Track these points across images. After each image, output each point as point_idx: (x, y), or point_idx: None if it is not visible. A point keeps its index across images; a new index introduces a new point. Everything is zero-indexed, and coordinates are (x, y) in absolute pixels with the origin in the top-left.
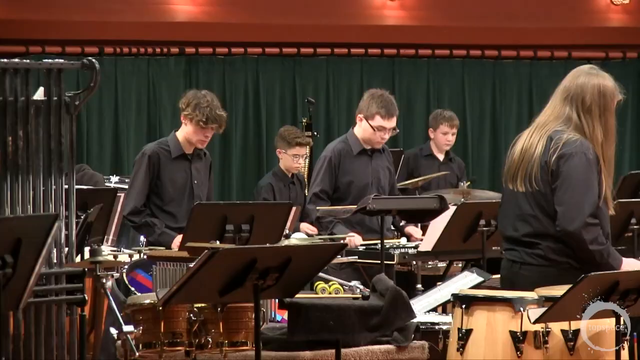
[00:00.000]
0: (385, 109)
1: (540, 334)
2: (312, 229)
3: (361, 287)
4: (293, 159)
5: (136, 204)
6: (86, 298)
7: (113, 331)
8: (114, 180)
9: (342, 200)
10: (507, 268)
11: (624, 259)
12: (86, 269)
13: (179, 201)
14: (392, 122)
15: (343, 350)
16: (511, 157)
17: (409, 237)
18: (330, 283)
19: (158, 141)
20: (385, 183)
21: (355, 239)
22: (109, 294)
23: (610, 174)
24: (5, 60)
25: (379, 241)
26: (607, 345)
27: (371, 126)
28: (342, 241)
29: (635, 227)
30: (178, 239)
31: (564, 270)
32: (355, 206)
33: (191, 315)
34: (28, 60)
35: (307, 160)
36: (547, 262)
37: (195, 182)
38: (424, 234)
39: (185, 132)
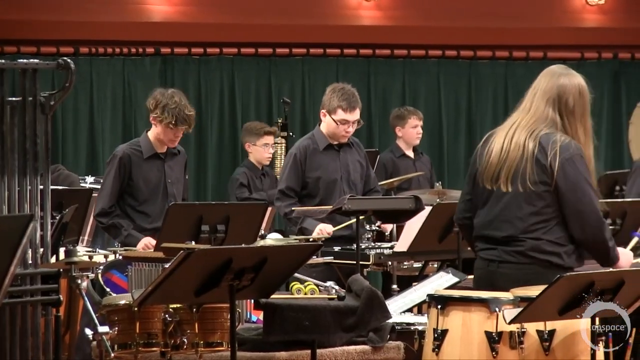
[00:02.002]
0: (347, 102)
1: (516, 334)
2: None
3: (337, 287)
4: (264, 149)
5: (104, 206)
6: (61, 299)
7: (88, 332)
8: (89, 181)
9: (311, 196)
10: (483, 267)
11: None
12: (61, 270)
13: (153, 201)
14: (354, 115)
15: (319, 351)
16: (487, 157)
17: (383, 233)
18: (306, 283)
19: (129, 142)
20: (356, 177)
21: (325, 228)
22: (84, 294)
23: (592, 174)
24: None
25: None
26: (582, 345)
27: (334, 120)
28: (313, 234)
29: (610, 227)
30: (144, 241)
31: (544, 267)
32: (331, 206)
33: (167, 315)
34: (3, 61)
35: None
36: (527, 259)
37: (169, 180)
38: (399, 232)
39: (155, 132)
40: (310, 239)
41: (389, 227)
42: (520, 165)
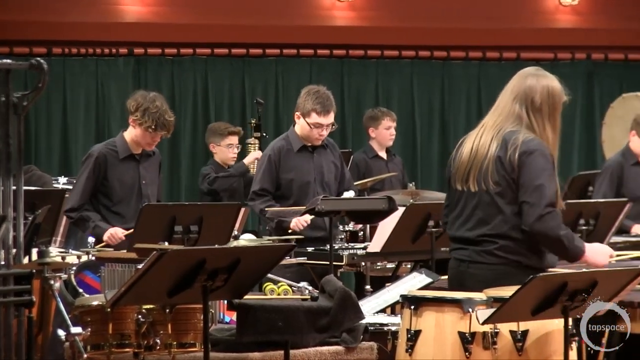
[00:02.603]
0: (321, 106)
1: (489, 334)
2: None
3: (310, 288)
4: (228, 150)
5: (74, 204)
6: (34, 300)
7: (61, 333)
8: (62, 181)
9: (285, 197)
10: (455, 267)
11: (586, 243)
12: (34, 271)
13: (127, 201)
14: (328, 119)
15: (292, 352)
16: (459, 158)
17: (357, 232)
18: (279, 284)
19: (105, 142)
20: (330, 178)
21: (299, 222)
22: (57, 295)
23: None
24: None
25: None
26: (555, 345)
27: (308, 123)
28: (291, 225)
29: (584, 227)
30: (110, 231)
31: (514, 268)
32: (304, 207)
33: (139, 316)
34: None
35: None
36: (497, 259)
37: (144, 182)
38: (372, 233)
39: (132, 134)
40: (289, 231)
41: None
42: (484, 164)
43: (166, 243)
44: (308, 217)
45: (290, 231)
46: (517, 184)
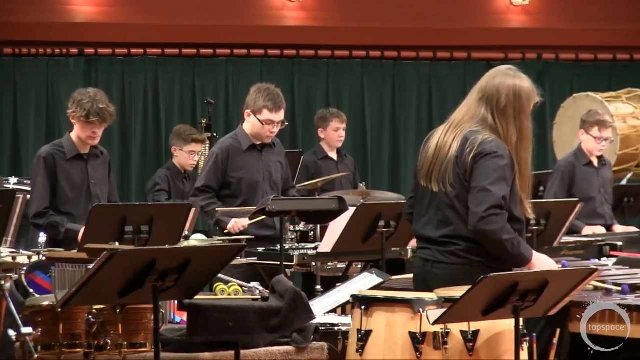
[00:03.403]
0: (273, 102)
1: (440, 334)
2: None
3: (260, 288)
4: (189, 156)
5: (38, 209)
6: None
7: (12, 333)
8: (12, 182)
9: (234, 196)
10: (420, 267)
11: (534, 251)
12: None
13: (76, 202)
14: (280, 115)
15: (242, 352)
16: (425, 154)
17: (307, 232)
18: (230, 284)
19: (53, 143)
20: (277, 177)
21: (239, 222)
22: (7, 295)
23: (526, 177)
24: None
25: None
26: (506, 345)
27: (259, 120)
28: (228, 226)
29: (534, 227)
30: (234, 220)
31: (477, 268)
32: (254, 207)
33: (90, 316)
34: None
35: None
36: (460, 260)
37: (93, 181)
38: (323, 233)
39: (75, 131)
40: (225, 231)
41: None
42: (444, 165)
43: (117, 243)
44: (246, 222)
45: (225, 231)
46: (469, 185)
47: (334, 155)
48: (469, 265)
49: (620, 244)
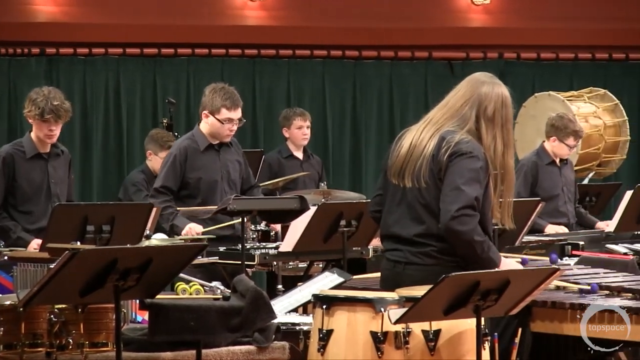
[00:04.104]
0: (230, 101)
1: (401, 334)
2: None
3: (222, 287)
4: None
5: None
6: None
7: None
8: None
9: (192, 197)
10: (390, 268)
11: (501, 256)
12: None
13: (35, 201)
14: (238, 113)
15: (204, 351)
16: (398, 152)
17: (269, 233)
18: (191, 284)
19: (13, 142)
20: (236, 177)
21: (194, 228)
22: None
23: (511, 184)
24: None
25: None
26: (468, 345)
27: (218, 120)
28: (182, 232)
29: (495, 227)
30: (34, 242)
31: (450, 268)
32: (216, 207)
33: (52, 316)
34: None
35: None
36: (433, 260)
37: (53, 180)
38: (284, 232)
39: (33, 130)
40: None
41: (277, 226)
42: (419, 162)
43: (78, 243)
44: (200, 229)
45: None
46: (443, 184)
47: (299, 154)
48: (443, 266)
49: (582, 243)
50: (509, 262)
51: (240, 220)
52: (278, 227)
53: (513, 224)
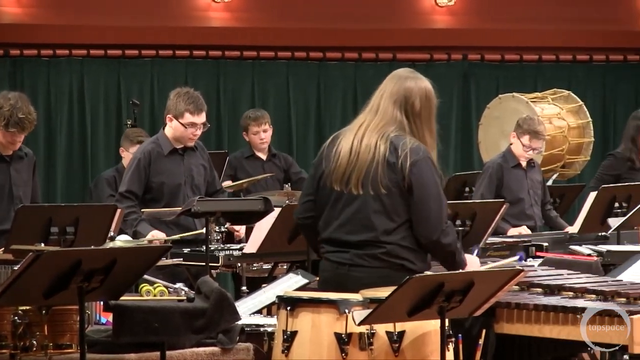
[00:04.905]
0: (194, 105)
1: (366, 335)
2: None
3: (186, 289)
4: None
5: None
6: None
7: None
8: None
9: (156, 201)
10: (331, 270)
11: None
12: None
13: None
14: (201, 118)
15: (168, 353)
16: (337, 157)
17: (233, 234)
18: (155, 285)
19: None
20: (200, 181)
21: (156, 235)
22: None
23: None
24: None
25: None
26: (432, 346)
27: (181, 124)
28: (145, 239)
29: (460, 228)
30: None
31: (396, 271)
32: (180, 208)
33: (16, 317)
34: None
35: None
36: (381, 263)
37: (15, 183)
38: (248, 234)
39: None
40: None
41: (242, 232)
42: (372, 167)
43: (42, 244)
44: (162, 237)
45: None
46: (409, 192)
47: (262, 155)
48: (389, 268)
49: (546, 244)
50: (471, 260)
51: (203, 232)
52: (241, 232)
53: None
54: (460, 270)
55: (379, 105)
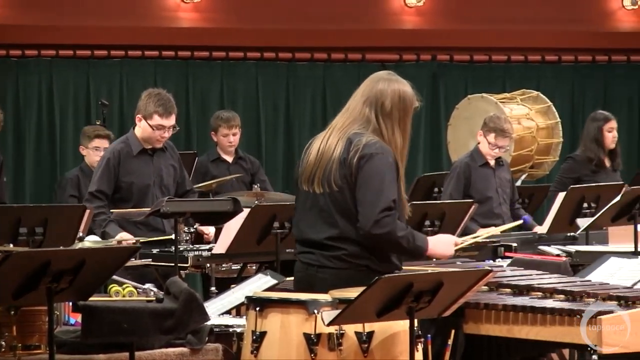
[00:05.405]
0: (163, 107)
1: (335, 336)
2: None
3: (155, 289)
4: (95, 152)
5: None
6: None
7: None
8: None
9: (125, 201)
10: (302, 271)
11: (429, 237)
12: None
13: None
14: (170, 120)
15: (137, 353)
16: (307, 159)
17: (202, 235)
18: (124, 286)
19: None
20: (169, 181)
21: (124, 237)
22: None
23: (403, 179)
24: None
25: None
26: (401, 346)
27: (150, 125)
28: (113, 241)
29: (429, 228)
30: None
31: (361, 272)
32: (149, 208)
33: None
34: None
35: None
36: (345, 264)
37: None
38: (217, 233)
39: None
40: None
41: (211, 235)
42: (328, 166)
43: (11, 245)
44: (131, 239)
45: None
46: (355, 187)
47: (228, 157)
48: (354, 269)
49: (514, 245)
50: (437, 240)
51: (172, 237)
52: (210, 234)
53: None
54: (429, 271)
55: (350, 105)
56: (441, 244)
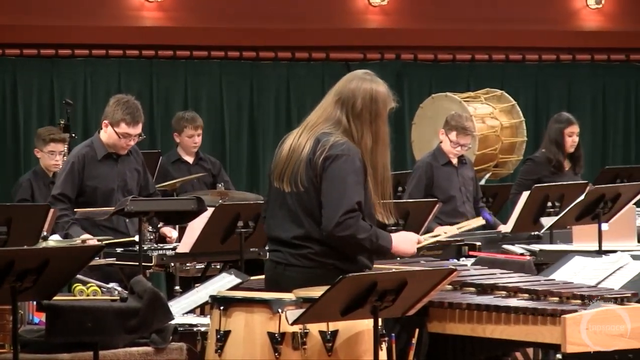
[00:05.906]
0: (131, 116)
1: (299, 335)
2: None
3: (119, 289)
4: (49, 156)
5: None
6: None
7: None
8: None
9: (89, 204)
10: (271, 269)
11: (392, 234)
12: None
13: None
14: (137, 129)
15: (101, 352)
16: (279, 155)
17: (165, 238)
18: (88, 285)
19: None
20: (133, 186)
21: (85, 237)
22: None
23: (385, 182)
24: None
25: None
26: (365, 345)
27: (116, 132)
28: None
29: (393, 228)
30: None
31: (329, 271)
32: (113, 208)
33: None
34: None
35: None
36: (312, 263)
37: None
38: (181, 233)
39: None
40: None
41: (174, 238)
42: (297, 166)
43: None
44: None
45: None
46: (317, 189)
47: (189, 158)
48: (321, 268)
49: (478, 244)
50: (400, 238)
51: (136, 239)
52: (173, 237)
53: (394, 218)
54: (394, 270)
55: (323, 103)
56: (404, 241)
